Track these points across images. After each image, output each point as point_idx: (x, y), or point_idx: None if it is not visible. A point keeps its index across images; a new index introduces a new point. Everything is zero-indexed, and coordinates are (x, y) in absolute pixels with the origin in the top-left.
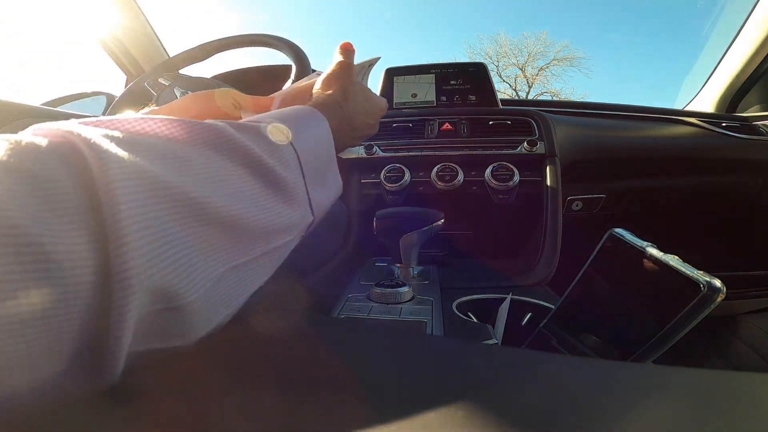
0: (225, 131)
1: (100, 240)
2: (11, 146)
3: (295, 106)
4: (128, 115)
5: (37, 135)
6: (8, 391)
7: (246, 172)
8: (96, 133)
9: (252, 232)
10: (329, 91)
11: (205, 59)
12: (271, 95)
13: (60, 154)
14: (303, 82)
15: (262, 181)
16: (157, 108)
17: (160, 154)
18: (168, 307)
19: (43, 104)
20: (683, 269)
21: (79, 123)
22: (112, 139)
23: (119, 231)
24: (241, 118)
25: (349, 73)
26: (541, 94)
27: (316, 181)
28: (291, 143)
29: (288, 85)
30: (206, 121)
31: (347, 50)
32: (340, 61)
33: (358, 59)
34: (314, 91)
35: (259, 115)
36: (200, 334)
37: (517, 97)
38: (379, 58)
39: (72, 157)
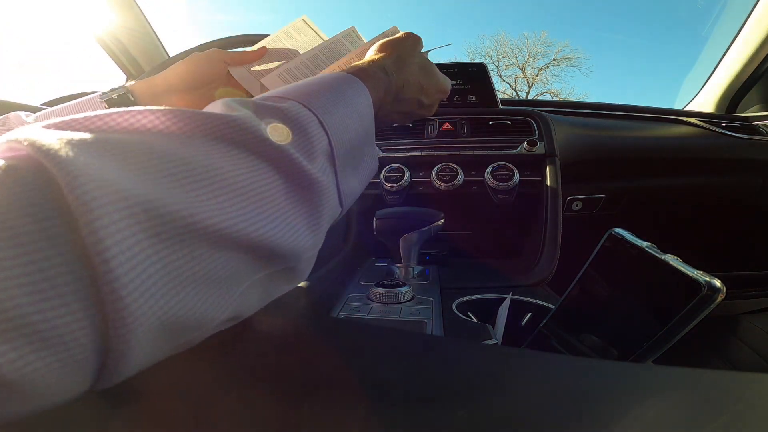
0: (244, 123)
1: (94, 303)
2: None
3: (333, 73)
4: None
5: (5, 152)
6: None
7: (268, 177)
8: (68, 141)
9: (277, 250)
10: (380, 56)
11: None
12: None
13: (24, 183)
14: (341, 59)
15: (289, 185)
16: (138, 80)
17: (157, 161)
18: (190, 338)
19: (42, 104)
20: (683, 269)
21: (45, 126)
22: (91, 145)
23: (112, 284)
24: (231, 77)
25: (414, 44)
26: (541, 94)
27: (348, 169)
28: (323, 127)
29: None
30: (218, 108)
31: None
32: (408, 32)
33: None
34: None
35: (284, 89)
36: (205, 336)
37: (517, 97)
38: (450, 44)
39: (40, 185)
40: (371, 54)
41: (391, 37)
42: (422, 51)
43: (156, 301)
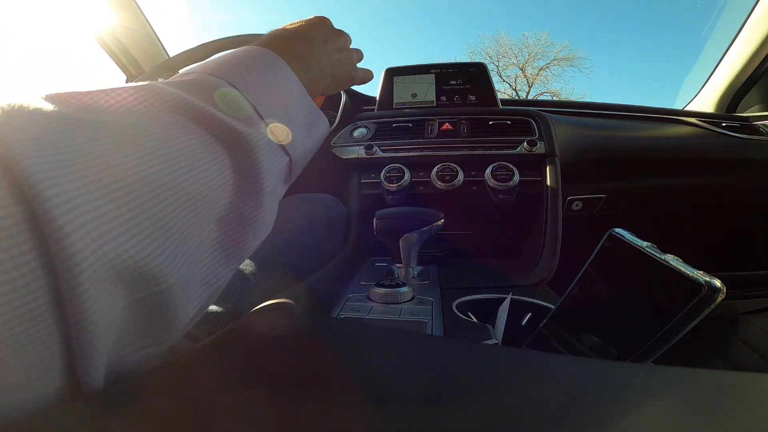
0: (156, 87)
1: (41, 244)
2: None
3: (235, 50)
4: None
5: None
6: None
7: (192, 131)
8: (6, 115)
9: (217, 198)
10: (279, 28)
11: (205, 59)
12: None
13: None
14: None
15: (213, 136)
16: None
17: (86, 129)
18: (147, 294)
19: None
20: (683, 269)
21: None
22: (26, 119)
23: (53, 224)
24: None
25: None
26: (541, 94)
27: (285, 120)
28: (232, 86)
29: None
30: (131, 84)
31: None
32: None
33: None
34: None
35: (188, 67)
36: (185, 322)
37: (517, 97)
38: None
39: None
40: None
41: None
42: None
43: (99, 245)
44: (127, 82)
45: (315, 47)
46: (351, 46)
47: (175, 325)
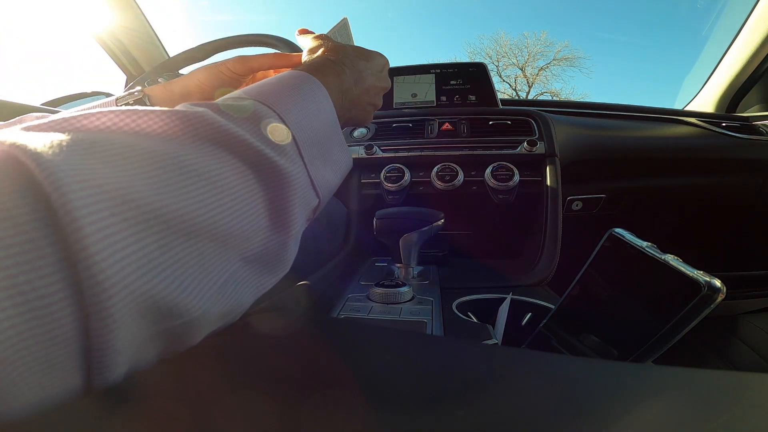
0: (205, 117)
1: (72, 274)
2: None
3: (283, 73)
4: (86, 109)
5: None
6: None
7: (233, 165)
8: (42, 140)
9: (248, 236)
10: (317, 53)
11: (205, 59)
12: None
13: (6, 175)
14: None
15: (255, 174)
16: (155, 85)
17: (124, 156)
18: (170, 326)
19: (43, 104)
20: (683, 269)
21: (23, 129)
22: (62, 144)
23: (88, 260)
24: (248, 83)
25: (330, 38)
26: (541, 94)
27: (317, 161)
28: (280, 118)
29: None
30: (181, 106)
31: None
32: (315, 35)
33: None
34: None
35: (239, 91)
36: (196, 342)
37: (517, 97)
38: (345, 18)
39: (19, 176)
40: (307, 59)
41: (312, 45)
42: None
43: (131, 281)
44: (127, 82)
45: (359, 87)
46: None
47: (188, 346)
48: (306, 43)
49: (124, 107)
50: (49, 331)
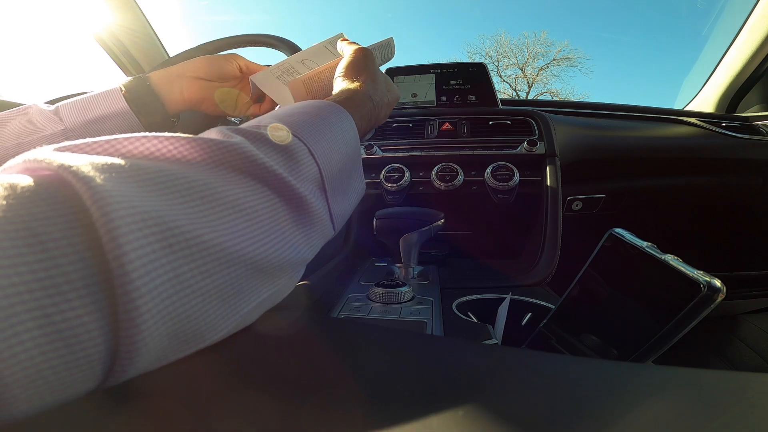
0: (242, 149)
1: (108, 312)
2: (4, 192)
3: (314, 102)
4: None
5: (23, 171)
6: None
7: (268, 199)
8: (90, 163)
9: (278, 267)
10: (357, 83)
11: None
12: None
13: (53, 199)
14: (320, 66)
15: (287, 208)
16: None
17: (168, 184)
18: (191, 347)
19: (43, 104)
20: (683, 269)
21: (68, 149)
22: (110, 169)
23: (126, 287)
24: (248, 84)
25: (373, 60)
26: (541, 94)
27: (338, 194)
28: (312, 155)
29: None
30: (217, 134)
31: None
32: (360, 48)
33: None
34: (336, 78)
35: (268, 116)
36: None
37: (517, 97)
38: (391, 38)
39: (66, 200)
40: (346, 80)
41: (355, 58)
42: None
43: (165, 307)
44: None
45: (376, 115)
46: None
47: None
48: (347, 51)
49: (166, 134)
50: (74, 353)
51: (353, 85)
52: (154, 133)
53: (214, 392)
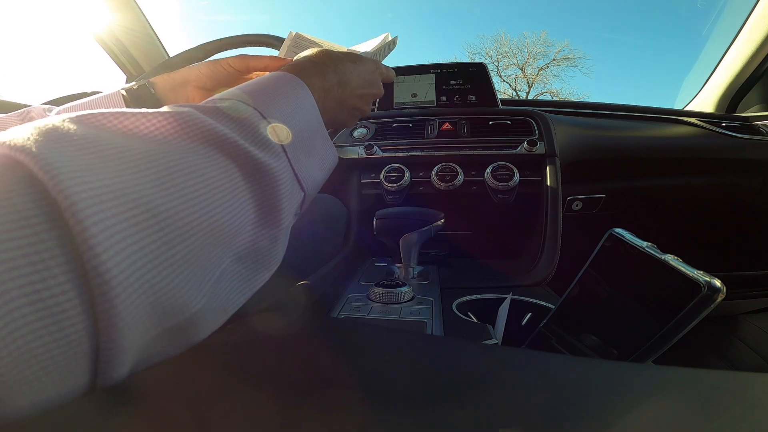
0: (192, 117)
1: (81, 275)
2: None
3: (267, 74)
4: (83, 110)
5: None
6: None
7: (220, 163)
8: (40, 138)
9: (237, 232)
10: (306, 54)
11: (205, 59)
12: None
13: (7, 177)
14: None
15: (241, 171)
16: (159, 75)
17: (121, 155)
18: (174, 323)
19: (43, 104)
20: (683, 269)
21: (20, 128)
22: (62, 142)
23: (95, 259)
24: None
25: (320, 44)
26: (541, 94)
27: (301, 154)
28: (264, 117)
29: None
30: (166, 108)
31: None
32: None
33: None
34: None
35: (224, 92)
36: (200, 340)
37: (517, 97)
38: (395, 38)
39: (16, 175)
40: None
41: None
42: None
43: (136, 278)
44: (127, 82)
45: (343, 89)
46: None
47: (189, 345)
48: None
49: (114, 109)
50: (62, 329)
51: (302, 56)
52: (108, 109)
53: (214, 392)
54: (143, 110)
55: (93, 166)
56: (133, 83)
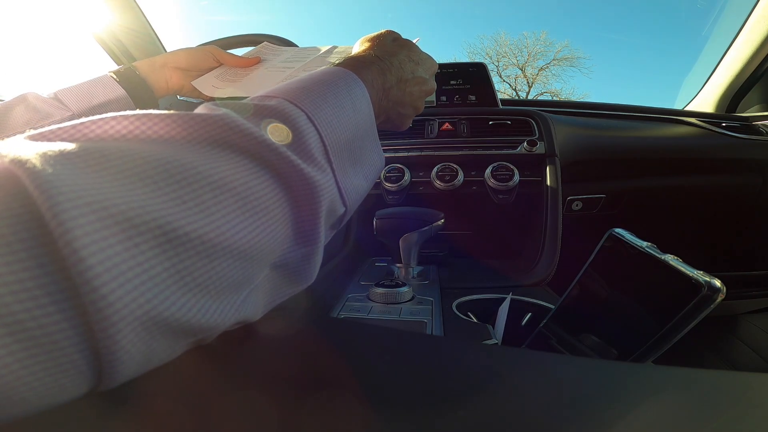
0: (226, 120)
1: (72, 296)
2: None
3: (321, 68)
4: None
5: None
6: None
7: (256, 175)
8: (43, 152)
9: (272, 250)
10: (365, 47)
11: None
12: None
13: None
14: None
15: (280, 184)
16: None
17: (134, 167)
18: (192, 340)
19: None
20: (683, 269)
21: (28, 138)
22: (63, 156)
23: (88, 285)
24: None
25: (391, 32)
26: (541, 94)
27: (348, 166)
28: (311, 121)
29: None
30: (202, 108)
31: None
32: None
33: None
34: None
35: (273, 88)
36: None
37: (517, 97)
38: (417, 39)
39: (11, 191)
40: (357, 48)
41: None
42: None
43: (137, 301)
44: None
45: (403, 88)
46: None
47: (208, 340)
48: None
49: (138, 111)
50: (55, 358)
51: (361, 50)
52: (129, 112)
53: (214, 392)
54: (168, 112)
55: (93, 179)
56: (120, 67)
